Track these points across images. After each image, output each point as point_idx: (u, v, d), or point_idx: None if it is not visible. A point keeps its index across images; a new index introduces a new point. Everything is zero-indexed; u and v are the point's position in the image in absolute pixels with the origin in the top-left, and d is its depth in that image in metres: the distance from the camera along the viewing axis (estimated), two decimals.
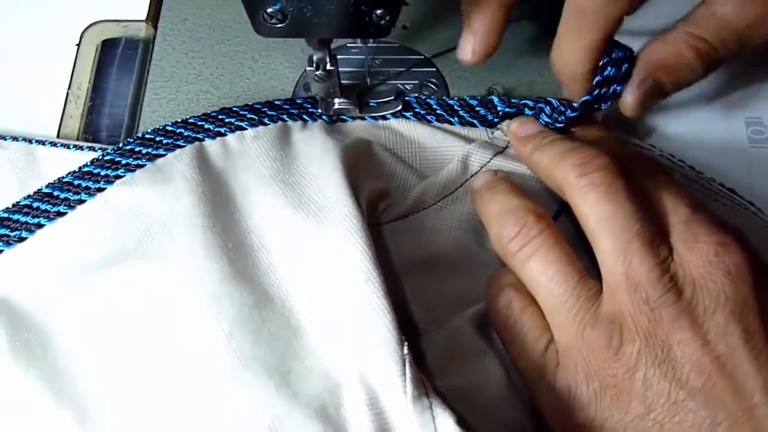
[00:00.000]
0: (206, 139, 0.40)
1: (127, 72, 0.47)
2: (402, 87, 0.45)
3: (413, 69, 0.45)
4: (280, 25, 0.36)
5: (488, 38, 0.39)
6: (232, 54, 0.46)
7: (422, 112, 0.43)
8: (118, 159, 0.39)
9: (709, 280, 0.31)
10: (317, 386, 0.31)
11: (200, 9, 0.48)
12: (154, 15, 0.48)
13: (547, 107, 0.40)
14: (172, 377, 0.33)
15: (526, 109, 0.41)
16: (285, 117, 0.41)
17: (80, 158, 0.41)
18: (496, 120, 0.42)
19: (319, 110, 0.42)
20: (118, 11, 0.49)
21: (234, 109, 0.41)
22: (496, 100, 0.42)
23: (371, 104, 0.43)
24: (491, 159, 0.40)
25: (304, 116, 0.42)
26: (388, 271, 0.37)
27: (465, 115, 0.43)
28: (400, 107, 0.43)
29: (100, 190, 0.38)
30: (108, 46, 0.48)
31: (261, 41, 0.40)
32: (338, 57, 0.41)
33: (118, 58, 0.47)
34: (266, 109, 0.41)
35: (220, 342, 0.32)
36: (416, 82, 0.45)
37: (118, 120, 0.45)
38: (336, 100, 0.42)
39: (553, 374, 0.33)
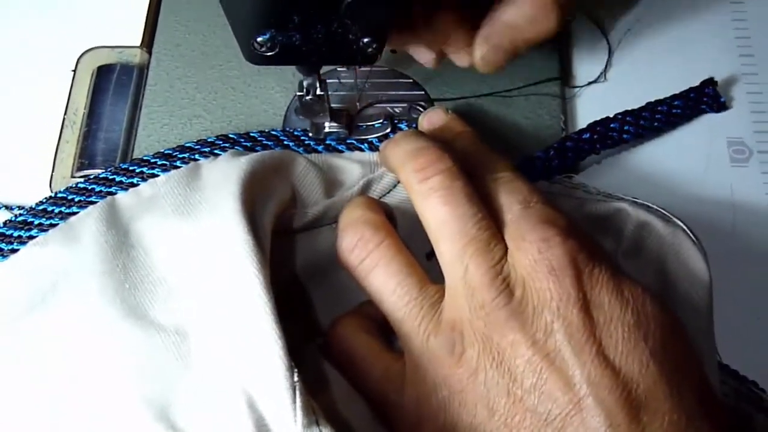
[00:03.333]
0: (119, 191, 0.40)
1: (122, 97, 0.48)
2: (391, 110, 0.46)
3: (402, 92, 0.46)
4: (269, 54, 0.37)
5: None
6: (224, 79, 0.47)
7: (333, 143, 0.43)
8: (30, 219, 0.39)
9: (535, 278, 0.31)
10: (198, 416, 0.31)
11: (193, 35, 0.49)
12: (148, 41, 0.49)
13: None
14: (76, 422, 0.33)
15: None
16: (197, 156, 0.41)
17: None
18: None
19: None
20: (113, 37, 0.50)
21: (145, 158, 0.41)
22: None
23: (361, 127, 0.44)
24: (393, 188, 0.41)
25: (216, 151, 0.42)
26: (291, 279, 0.38)
27: (374, 140, 0.44)
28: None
29: (14, 251, 0.38)
30: (103, 72, 0.48)
31: (253, 66, 0.41)
32: (328, 81, 0.42)
33: (113, 84, 0.48)
34: (177, 153, 0.41)
35: (108, 378, 0.33)
36: (405, 105, 0.46)
37: (114, 144, 0.46)
38: (326, 124, 0.43)
39: (399, 391, 0.33)
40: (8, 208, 0.44)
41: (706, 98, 0.46)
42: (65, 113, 0.47)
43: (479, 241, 0.32)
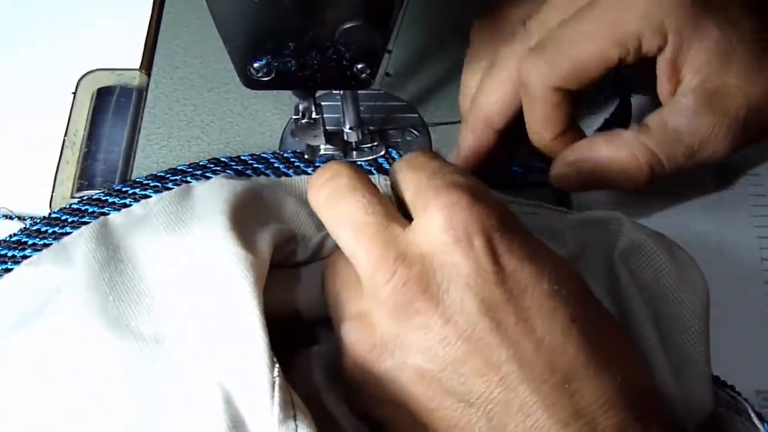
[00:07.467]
0: (112, 212, 0.40)
1: (121, 119, 0.48)
2: (385, 133, 0.46)
3: (396, 115, 0.47)
4: (265, 79, 0.38)
5: (472, 160, 0.42)
6: (222, 101, 0.48)
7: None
8: (24, 240, 0.40)
9: (439, 251, 0.29)
10: (174, 416, 0.32)
11: (191, 58, 0.50)
12: (147, 64, 0.50)
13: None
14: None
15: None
16: (188, 179, 0.42)
17: None
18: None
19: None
20: (113, 60, 0.51)
21: (138, 179, 0.42)
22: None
23: (357, 150, 0.45)
24: None
25: (207, 174, 0.43)
26: (294, 311, 0.38)
27: (363, 163, 0.45)
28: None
29: (7, 270, 0.39)
30: (103, 94, 0.49)
31: (250, 90, 0.42)
32: (323, 104, 0.43)
33: (112, 106, 0.49)
34: (169, 175, 0.42)
35: (91, 386, 0.34)
36: (399, 128, 0.47)
37: (113, 165, 0.47)
38: (322, 147, 0.44)
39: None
40: (9, 217, 0.44)
41: None
42: (65, 135, 0.48)
43: (369, 225, 0.31)
